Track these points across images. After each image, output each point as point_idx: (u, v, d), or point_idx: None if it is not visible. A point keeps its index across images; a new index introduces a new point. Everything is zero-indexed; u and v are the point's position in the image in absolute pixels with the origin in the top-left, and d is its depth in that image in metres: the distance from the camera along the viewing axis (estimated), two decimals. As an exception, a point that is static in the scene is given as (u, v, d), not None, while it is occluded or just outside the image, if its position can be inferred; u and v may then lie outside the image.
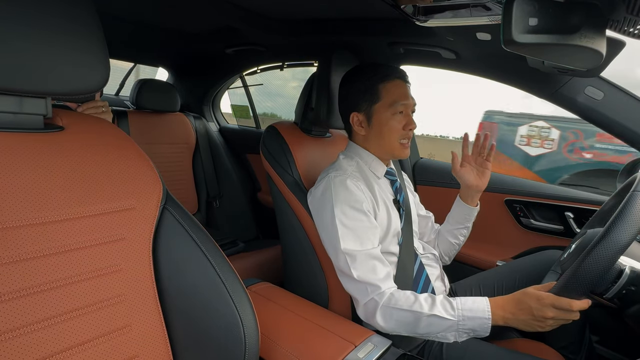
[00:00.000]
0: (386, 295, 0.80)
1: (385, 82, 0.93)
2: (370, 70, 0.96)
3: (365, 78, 0.95)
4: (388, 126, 0.93)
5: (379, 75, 0.94)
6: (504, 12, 0.51)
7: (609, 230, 0.61)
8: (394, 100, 0.92)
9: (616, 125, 0.98)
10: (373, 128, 0.96)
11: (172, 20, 1.49)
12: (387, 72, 0.94)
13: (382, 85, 0.93)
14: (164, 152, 1.81)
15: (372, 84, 0.94)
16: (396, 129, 0.93)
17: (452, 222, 1.11)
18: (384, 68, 0.96)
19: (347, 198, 0.87)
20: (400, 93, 0.92)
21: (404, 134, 0.94)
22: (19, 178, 0.50)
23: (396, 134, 0.93)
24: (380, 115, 0.93)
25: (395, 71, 0.95)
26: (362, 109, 0.96)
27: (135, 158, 0.62)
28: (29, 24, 0.48)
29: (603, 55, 0.55)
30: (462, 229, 1.10)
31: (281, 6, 1.17)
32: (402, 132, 0.93)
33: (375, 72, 0.95)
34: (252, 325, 0.60)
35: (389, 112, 0.92)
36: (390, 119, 0.93)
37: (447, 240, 1.13)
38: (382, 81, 0.93)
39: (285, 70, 1.82)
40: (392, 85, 0.93)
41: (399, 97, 0.92)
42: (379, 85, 0.93)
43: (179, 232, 0.61)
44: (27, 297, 0.47)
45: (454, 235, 1.12)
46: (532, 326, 0.71)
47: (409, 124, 0.93)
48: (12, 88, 0.49)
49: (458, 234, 1.11)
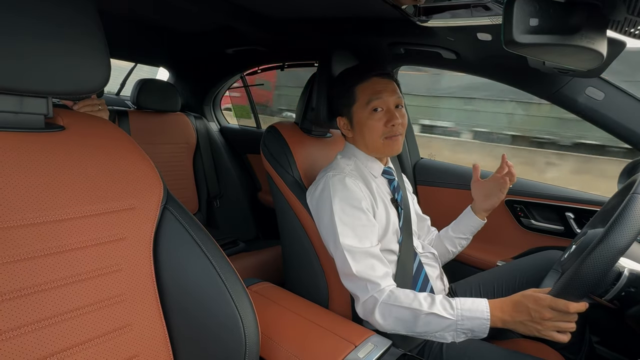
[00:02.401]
0: (385, 292, 0.80)
1: (361, 82, 0.93)
2: (348, 74, 0.97)
3: (342, 82, 0.96)
4: (367, 126, 0.93)
5: (354, 78, 0.94)
6: (504, 13, 0.51)
7: (607, 233, 0.61)
8: (368, 99, 0.91)
9: (617, 126, 0.98)
10: (356, 130, 0.96)
11: (172, 20, 1.49)
12: (361, 73, 0.94)
13: (357, 87, 0.93)
14: (164, 152, 1.81)
15: (348, 87, 0.94)
16: (376, 127, 0.92)
17: (456, 231, 1.11)
18: (359, 69, 0.96)
19: (346, 196, 0.88)
20: (374, 90, 0.92)
21: (387, 131, 0.92)
22: (20, 178, 0.50)
23: (376, 132, 0.93)
24: (359, 117, 0.94)
25: (370, 69, 0.94)
26: (344, 113, 0.97)
27: (136, 158, 0.63)
28: (29, 24, 0.48)
29: (604, 56, 0.55)
30: (463, 240, 1.11)
31: (281, 6, 1.17)
32: (383, 129, 0.92)
33: (351, 75, 0.96)
34: (252, 325, 0.60)
35: (365, 112, 0.92)
36: (368, 119, 0.92)
37: (445, 246, 1.13)
38: (358, 82, 0.93)
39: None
40: (367, 84, 0.92)
41: (372, 93, 0.91)
42: (355, 87, 0.93)
43: (179, 232, 0.61)
44: (28, 296, 0.47)
45: (454, 244, 1.12)
46: (529, 329, 0.71)
47: (390, 119, 0.91)
48: (13, 88, 0.49)
49: (457, 244, 1.12)
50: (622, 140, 1.00)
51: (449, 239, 1.12)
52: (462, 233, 1.10)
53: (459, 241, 1.11)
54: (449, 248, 1.13)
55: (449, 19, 0.88)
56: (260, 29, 1.34)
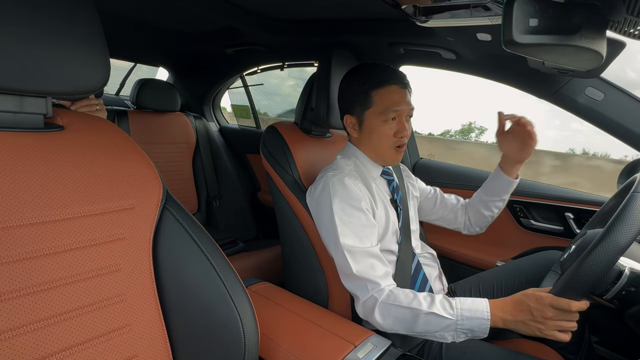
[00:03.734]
0: (385, 292, 0.80)
1: (379, 88, 0.91)
2: (366, 74, 0.94)
3: (360, 82, 0.94)
4: (377, 133, 0.92)
5: (373, 81, 0.92)
6: (504, 13, 0.51)
7: (608, 232, 0.61)
8: (385, 108, 0.90)
9: (616, 126, 0.98)
10: (364, 133, 0.95)
11: (172, 20, 1.49)
12: (381, 78, 0.91)
13: (375, 92, 0.91)
14: (164, 152, 1.81)
15: (365, 90, 0.92)
16: (386, 135, 0.92)
17: (488, 193, 1.07)
18: (379, 72, 0.93)
19: (346, 196, 0.87)
20: (392, 100, 0.90)
21: (395, 141, 0.92)
22: (19, 177, 0.50)
23: (386, 141, 0.92)
24: (371, 122, 0.93)
25: (390, 76, 0.92)
26: (354, 112, 0.95)
27: (136, 158, 0.62)
28: (29, 24, 0.48)
29: (603, 56, 0.55)
30: (498, 202, 1.07)
31: (281, 6, 1.17)
32: (393, 139, 0.92)
33: (370, 76, 0.93)
34: (251, 325, 0.60)
35: (379, 119, 0.91)
36: (380, 126, 0.91)
37: (480, 211, 1.09)
38: (375, 87, 0.91)
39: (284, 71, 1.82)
40: (386, 92, 0.91)
41: (390, 104, 0.90)
42: (372, 91, 0.91)
43: (178, 232, 0.61)
44: (27, 296, 0.47)
45: (488, 207, 1.08)
46: (531, 328, 0.71)
47: (400, 131, 0.91)
48: (13, 87, 0.49)
49: (492, 206, 1.07)
50: (622, 140, 1.00)
51: (482, 203, 1.09)
52: (494, 194, 1.06)
53: (494, 203, 1.07)
54: (484, 212, 1.09)
55: (448, 19, 0.88)
56: (260, 29, 1.34)
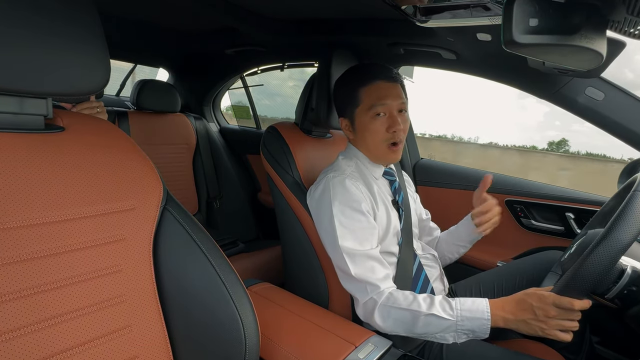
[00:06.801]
0: (385, 294, 0.80)
1: (365, 85, 0.91)
2: (352, 74, 0.95)
3: (347, 82, 0.94)
4: (369, 130, 0.92)
5: (359, 79, 0.92)
6: (504, 13, 0.51)
7: (610, 230, 0.61)
8: (372, 103, 0.90)
9: (617, 126, 0.98)
10: (357, 133, 0.95)
11: (172, 20, 1.49)
12: (366, 76, 0.92)
13: (362, 90, 0.91)
14: (164, 153, 1.82)
15: (352, 89, 0.92)
16: (378, 131, 0.91)
17: (456, 238, 1.09)
18: (365, 71, 0.93)
19: (346, 198, 0.87)
20: (379, 95, 0.90)
21: (388, 137, 0.91)
22: (20, 179, 0.50)
23: (379, 137, 0.91)
24: (361, 120, 0.92)
25: (376, 73, 0.91)
26: (346, 114, 0.96)
27: (136, 158, 0.62)
28: (29, 25, 0.48)
29: (603, 56, 0.55)
30: (462, 248, 1.09)
31: (281, 6, 1.17)
32: (385, 134, 0.90)
33: (356, 76, 0.93)
34: (252, 325, 0.60)
35: (368, 115, 0.91)
36: (370, 123, 0.91)
37: (443, 252, 1.12)
38: (362, 85, 0.91)
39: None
40: (372, 88, 0.90)
41: (377, 98, 0.89)
42: (359, 89, 0.91)
43: (179, 233, 0.61)
44: (28, 297, 0.47)
45: (451, 251, 1.11)
46: (532, 327, 0.70)
47: (391, 125, 0.89)
48: (13, 88, 0.49)
49: (455, 251, 1.10)
50: (622, 140, 1.00)
51: (448, 245, 1.11)
52: (461, 240, 1.08)
53: (457, 249, 1.09)
54: (447, 255, 1.11)
55: (448, 19, 0.88)
56: (260, 29, 1.34)
